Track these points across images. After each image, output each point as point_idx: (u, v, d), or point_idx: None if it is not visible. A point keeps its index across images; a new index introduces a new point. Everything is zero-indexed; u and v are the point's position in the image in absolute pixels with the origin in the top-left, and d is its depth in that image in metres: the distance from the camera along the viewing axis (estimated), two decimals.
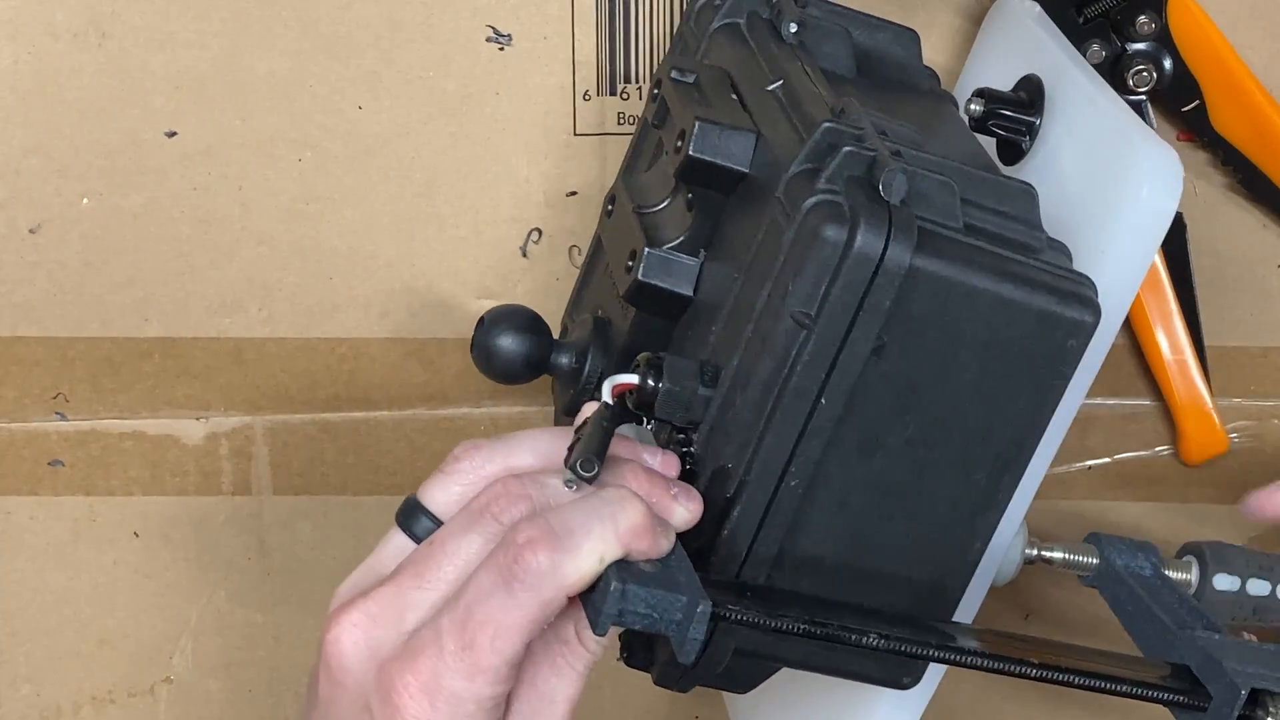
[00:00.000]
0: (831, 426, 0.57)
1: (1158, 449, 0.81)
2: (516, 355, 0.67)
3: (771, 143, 0.60)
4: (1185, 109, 0.76)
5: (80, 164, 0.78)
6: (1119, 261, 0.64)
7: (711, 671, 0.58)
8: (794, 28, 0.65)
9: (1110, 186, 0.65)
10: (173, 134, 0.78)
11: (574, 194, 0.78)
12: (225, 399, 0.80)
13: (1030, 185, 0.61)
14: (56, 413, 0.80)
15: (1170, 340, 0.78)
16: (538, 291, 0.79)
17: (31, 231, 0.79)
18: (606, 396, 0.58)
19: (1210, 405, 0.79)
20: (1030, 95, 0.70)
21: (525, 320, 0.68)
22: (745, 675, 0.62)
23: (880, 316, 0.56)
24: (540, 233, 0.79)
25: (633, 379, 0.58)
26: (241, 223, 0.79)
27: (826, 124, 0.58)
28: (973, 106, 0.70)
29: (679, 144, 0.61)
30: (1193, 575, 0.70)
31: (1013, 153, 0.71)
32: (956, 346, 0.57)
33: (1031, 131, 0.70)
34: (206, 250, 0.79)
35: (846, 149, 0.57)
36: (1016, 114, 0.70)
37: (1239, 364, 0.80)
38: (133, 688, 0.84)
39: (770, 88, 0.63)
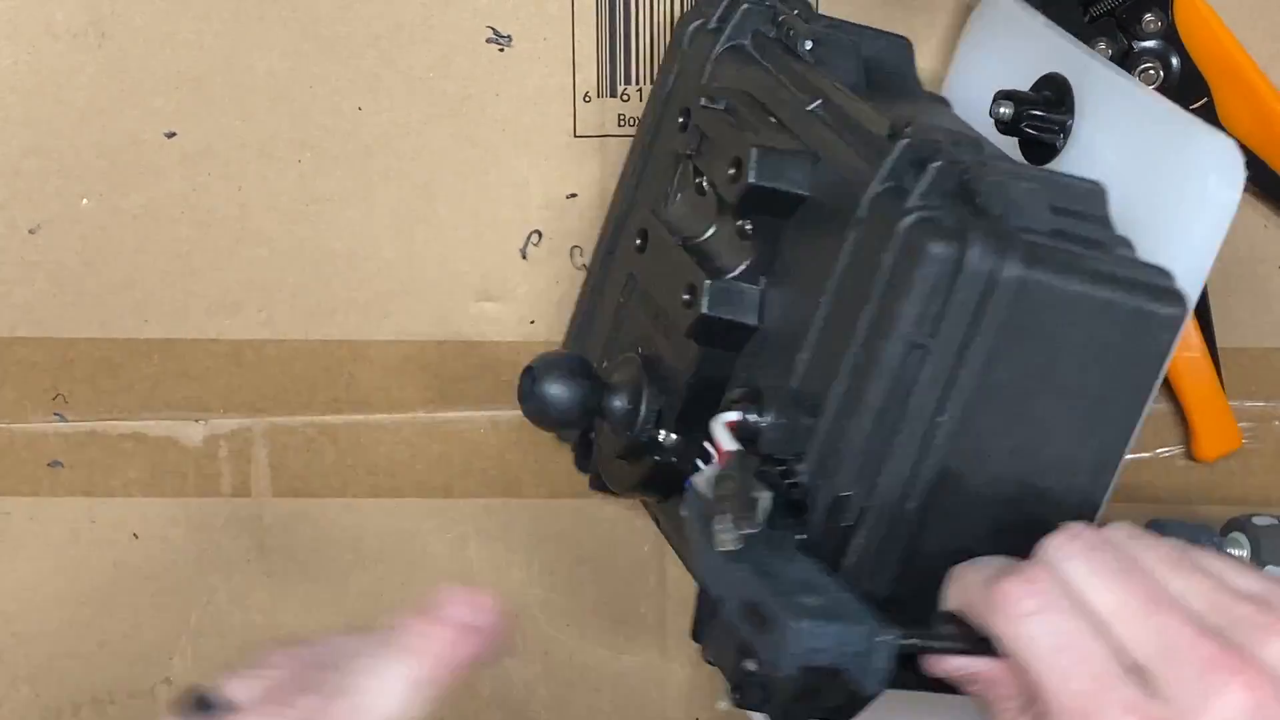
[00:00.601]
0: (947, 445, 0.57)
1: (1157, 451, 0.81)
2: (571, 403, 0.66)
3: (830, 163, 0.60)
4: (1193, 106, 0.76)
5: (80, 164, 0.78)
6: (1188, 254, 0.63)
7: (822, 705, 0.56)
8: (809, 45, 0.65)
9: (1169, 179, 0.64)
10: (173, 134, 0.78)
11: (574, 196, 0.78)
12: (225, 401, 0.80)
13: (1098, 183, 0.60)
14: (56, 414, 0.80)
15: (1182, 339, 0.78)
16: (537, 293, 0.79)
17: (31, 232, 0.79)
18: (721, 436, 0.58)
19: (1224, 403, 0.79)
20: (1057, 94, 0.70)
21: (574, 366, 0.67)
22: (851, 705, 0.61)
23: (993, 331, 0.55)
24: (540, 235, 0.79)
25: (738, 415, 0.58)
26: (241, 223, 0.78)
27: (905, 141, 0.57)
28: (1002, 110, 0.70)
29: (732, 172, 0.61)
30: (1245, 554, 0.70)
31: (1043, 153, 0.70)
32: (1059, 353, 0.57)
33: (1065, 130, 0.69)
34: (206, 251, 0.79)
35: (936, 164, 0.56)
36: (1048, 114, 0.70)
37: (1240, 365, 0.80)
38: (133, 688, 0.84)
39: (810, 108, 0.62)
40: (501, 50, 0.77)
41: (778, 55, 0.66)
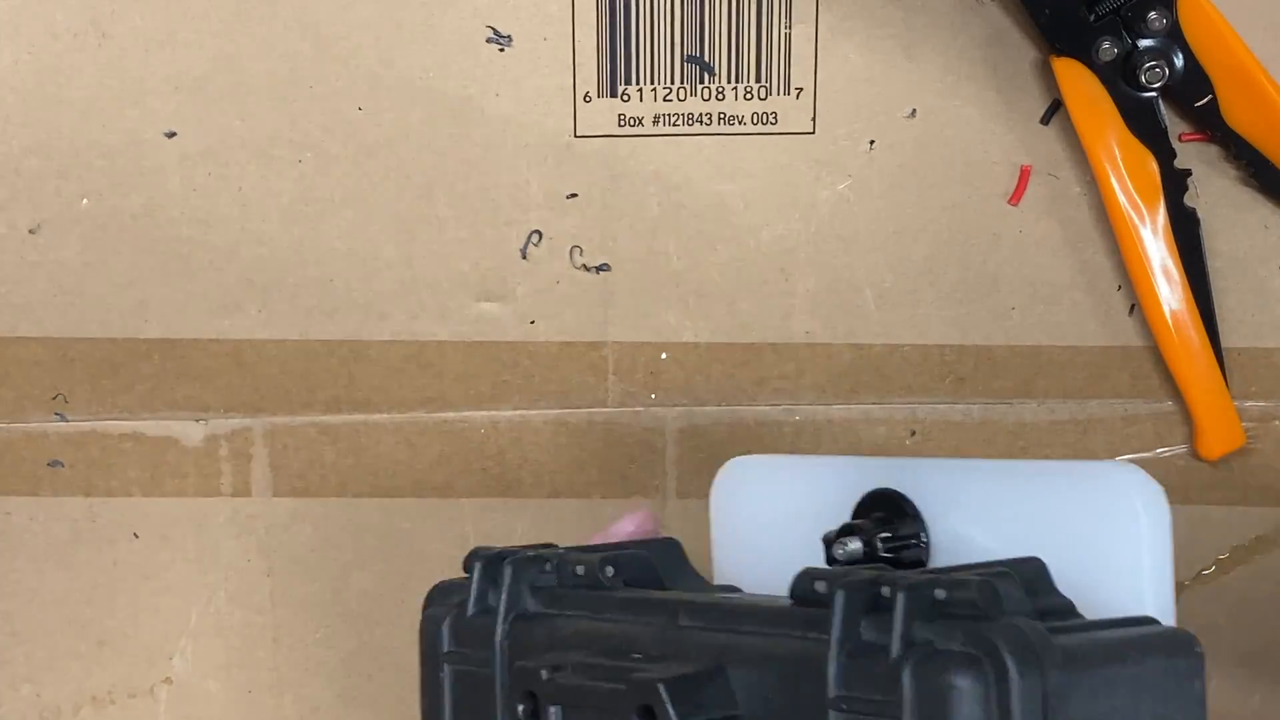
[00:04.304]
0: None
1: (1159, 451, 0.81)
2: None
3: (742, 665, 0.52)
4: (1198, 104, 0.76)
5: (80, 164, 0.78)
6: (1151, 585, 0.57)
7: None
8: (611, 571, 0.58)
9: (1085, 534, 0.58)
10: (173, 134, 0.78)
11: (574, 196, 0.78)
12: (225, 400, 0.80)
13: (1036, 557, 0.55)
14: (56, 413, 0.80)
15: (1186, 335, 0.78)
16: (537, 293, 0.79)
17: (31, 232, 0.79)
18: None
19: (1228, 400, 0.79)
20: (893, 509, 0.63)
21: None
22: None
23: None
24: (540, 235, 0.79)
25: None
26: (241, 224, 0.78)
27: (841, 591, 0.49)
28: (849, 547, 0.61)
29: None
30: None
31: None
32: None
33: (921, 540, 0.62)
34: (206, 251, 0.79)
35: (901, 593, 0.49)
36: (904, 533, 0.62)
37: (1240, 366, 0.80)
38: (133, 688, 0.84)
39: (679, 623, 0.55)
40: (501, 50, 0.77)
41: (581, 598, 0.58)
